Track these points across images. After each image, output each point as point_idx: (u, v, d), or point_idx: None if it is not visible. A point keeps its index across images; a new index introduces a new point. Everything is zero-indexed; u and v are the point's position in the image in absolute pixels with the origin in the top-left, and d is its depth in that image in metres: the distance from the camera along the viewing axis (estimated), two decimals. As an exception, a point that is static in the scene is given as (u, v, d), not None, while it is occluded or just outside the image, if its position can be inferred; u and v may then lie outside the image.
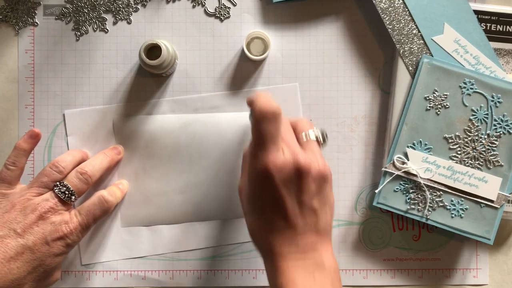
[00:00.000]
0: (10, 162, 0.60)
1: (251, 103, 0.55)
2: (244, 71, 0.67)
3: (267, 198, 0.54)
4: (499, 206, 0.62)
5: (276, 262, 0.53)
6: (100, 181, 0.66)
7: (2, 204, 0.59)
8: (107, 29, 0.67)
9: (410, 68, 0.64)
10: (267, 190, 0.53)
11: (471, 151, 0.62)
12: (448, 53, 0.63)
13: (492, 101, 0.62)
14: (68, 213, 0.60)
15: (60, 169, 0.60)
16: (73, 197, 0.60)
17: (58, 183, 0.60)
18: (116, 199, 0.63)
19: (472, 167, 0.62)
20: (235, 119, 0.66)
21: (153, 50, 0.62)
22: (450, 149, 0.63)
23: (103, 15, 0.67)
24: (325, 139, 0.58)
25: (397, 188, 0.63)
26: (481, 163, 0.62)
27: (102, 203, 0.61)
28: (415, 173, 0.63)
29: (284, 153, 0.53)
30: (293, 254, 0.53)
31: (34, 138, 0.61)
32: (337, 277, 0.54)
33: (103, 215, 0.61)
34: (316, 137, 0.57)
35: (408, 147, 0.63)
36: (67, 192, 0.59)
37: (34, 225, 0.57)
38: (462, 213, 0.63)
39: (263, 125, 0.53)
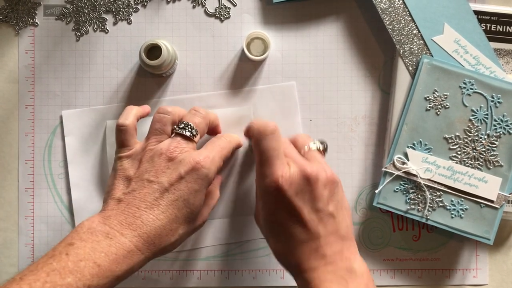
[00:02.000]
0: (120, 123, 0.58)
1: (248, 130, 0.57)
2: (244, 72, 0.67)
3: (283, 214, 0.54)
4: (499, 206, 0.62)
5: (307, 278, 0.53)
6: None
7: (129, 164, 0.57)
8: (107, 30, 0.67)
9: (410, 68, 0.64)
10: (281, 205, 0.53)
11: (471, 151, 0.62)
12: (448, 53, 0.63)
13: (492, 101, 0.62)
14: (195, 150, 0.57)
15: (169, 110, 0.58)
16: (194, 131, 0.57)
17: (177, 124, 0.58)
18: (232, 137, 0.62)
19: (472, 167, 0.62)
20: (233, 115, 0.66)
21: (153, 50, 0.62)
22: (450, 149, 0.63)
23: (103, 15, 0.67)
24: (326, 149, 0.60)
25: (397, 188, 0.63)
26: (481, 163, 0.62)
27: (220, 138, 0.60)
28: (415, 173, 0.63)
29: (290, 166, 0.54)
30: (322, 267, 0.53)
31: (145, 108, 0.61)
32: (370, 279, 0.54)
33: (229, 149, 0.59)
34: (317, 148, 0.58)
35: (408, 147, 0.63)
36: (187, 128, 0.57)
37: (165, 167, 0.55)
38: (462, 213, 0.63)
39: (264, 143, 0.54)
